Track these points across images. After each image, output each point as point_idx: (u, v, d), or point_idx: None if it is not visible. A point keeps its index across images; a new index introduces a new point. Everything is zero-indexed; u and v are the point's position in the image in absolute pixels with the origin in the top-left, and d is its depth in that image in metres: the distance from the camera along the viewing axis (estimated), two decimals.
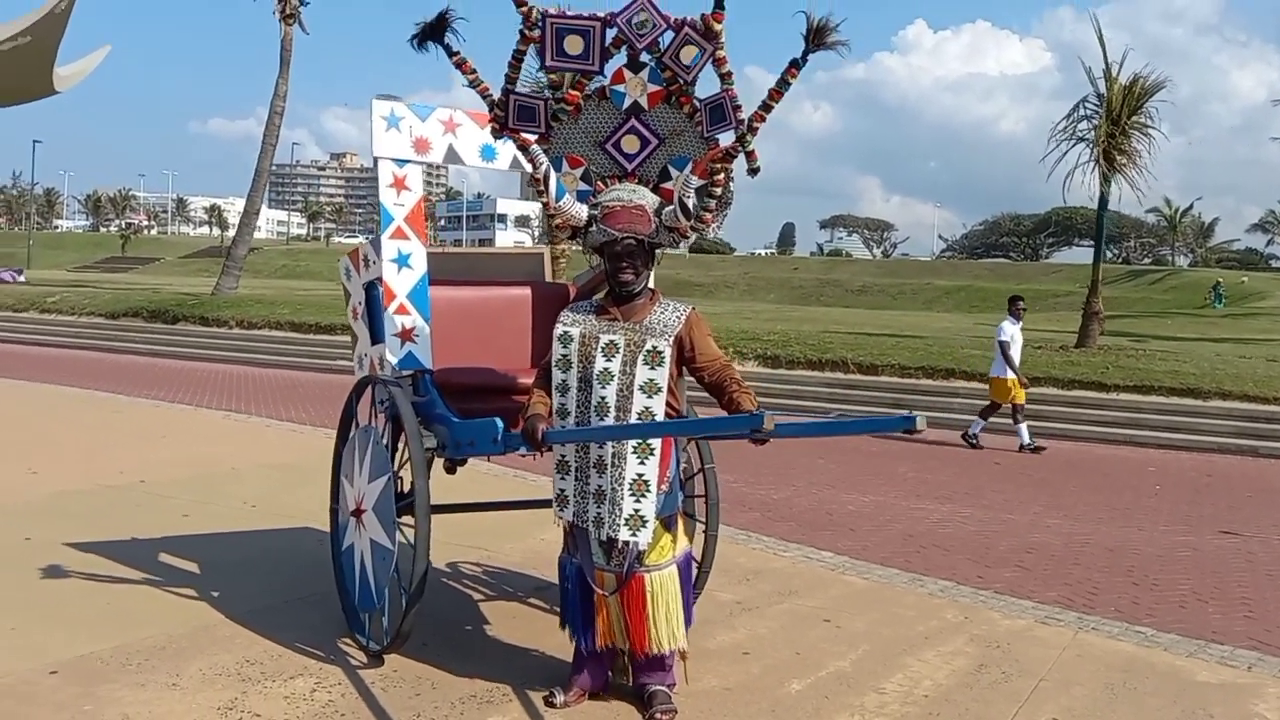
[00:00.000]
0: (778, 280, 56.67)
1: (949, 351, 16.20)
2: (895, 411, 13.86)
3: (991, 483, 10.01)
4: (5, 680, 3.92)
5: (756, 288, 54.58)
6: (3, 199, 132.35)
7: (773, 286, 54.58)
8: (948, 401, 14.13)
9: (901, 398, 14.39)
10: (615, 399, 3.78)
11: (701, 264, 63.66)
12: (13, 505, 6.76)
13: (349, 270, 5.11)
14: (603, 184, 4.00)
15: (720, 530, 6.98)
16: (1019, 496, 9.28)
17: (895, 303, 49.66)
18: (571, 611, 4.00)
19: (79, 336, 21.07)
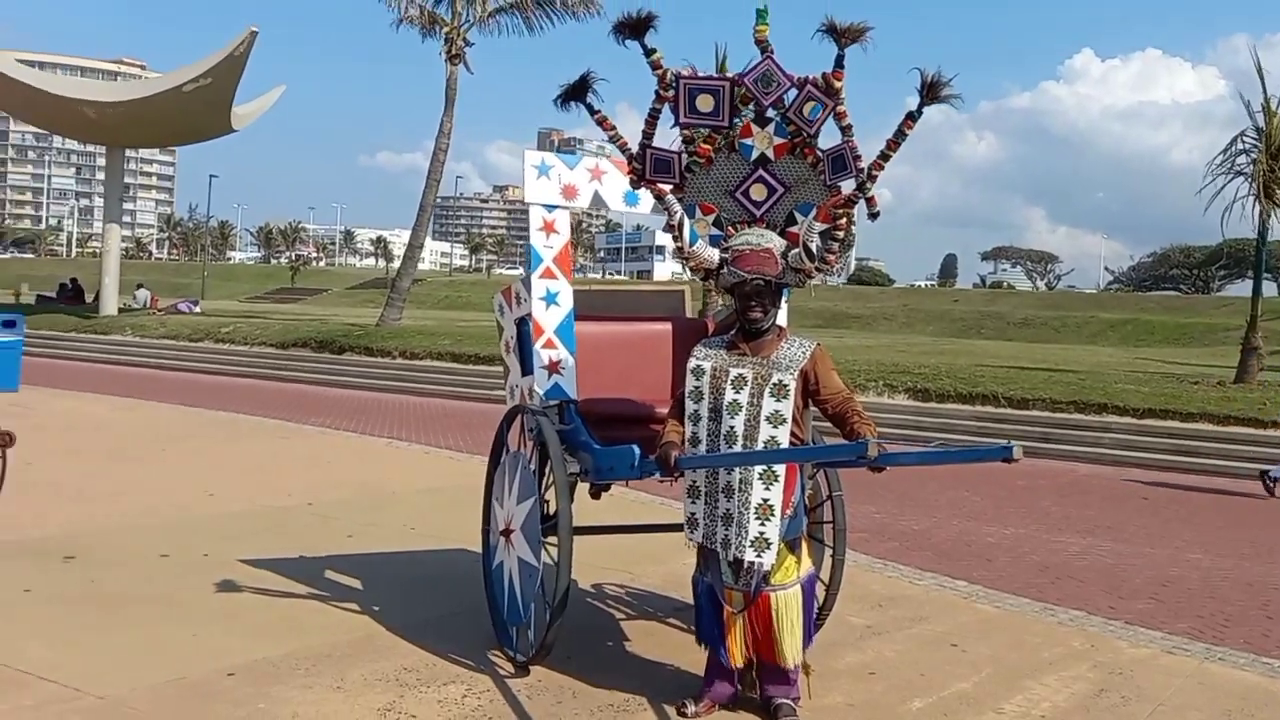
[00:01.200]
0: (937, 312, 55.57)
1: (1102, 386, 15.92)
2: (1043, 446, 13.64)
3: (1136, 517, 9.93)
4: (189, 680, 4.44)
5: (915, 320, 53.68)
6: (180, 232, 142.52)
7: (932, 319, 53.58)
8: (1098, 436, 13.84)
9: (1051, 431, 14.15)
10: (743, 428, 4.08)
11: (860, 296, 63.04)
12: (192, 523, 7.47)
13: (502, 306, 5.54)
14: (733, 229, 4.34)
15: (857, 558, 7.24)
16: (1162, 531, 9.24)
17: (1058, 336, 48.00)
18: (706, 625, 4.31)
19: (251, 365, 22.58)
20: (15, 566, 6.00)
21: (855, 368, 17.45)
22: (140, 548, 6.65)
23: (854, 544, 7.68)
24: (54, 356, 24.37)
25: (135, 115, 29.28)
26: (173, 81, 28.87)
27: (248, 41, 26.74)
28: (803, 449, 4.09)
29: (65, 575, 5.98)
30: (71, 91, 30.37)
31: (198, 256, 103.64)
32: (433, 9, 27.96)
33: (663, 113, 4.25)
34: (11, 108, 34.83)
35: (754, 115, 4.26)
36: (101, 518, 7.54)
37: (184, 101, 28.21)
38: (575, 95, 4.32)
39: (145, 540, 6.85)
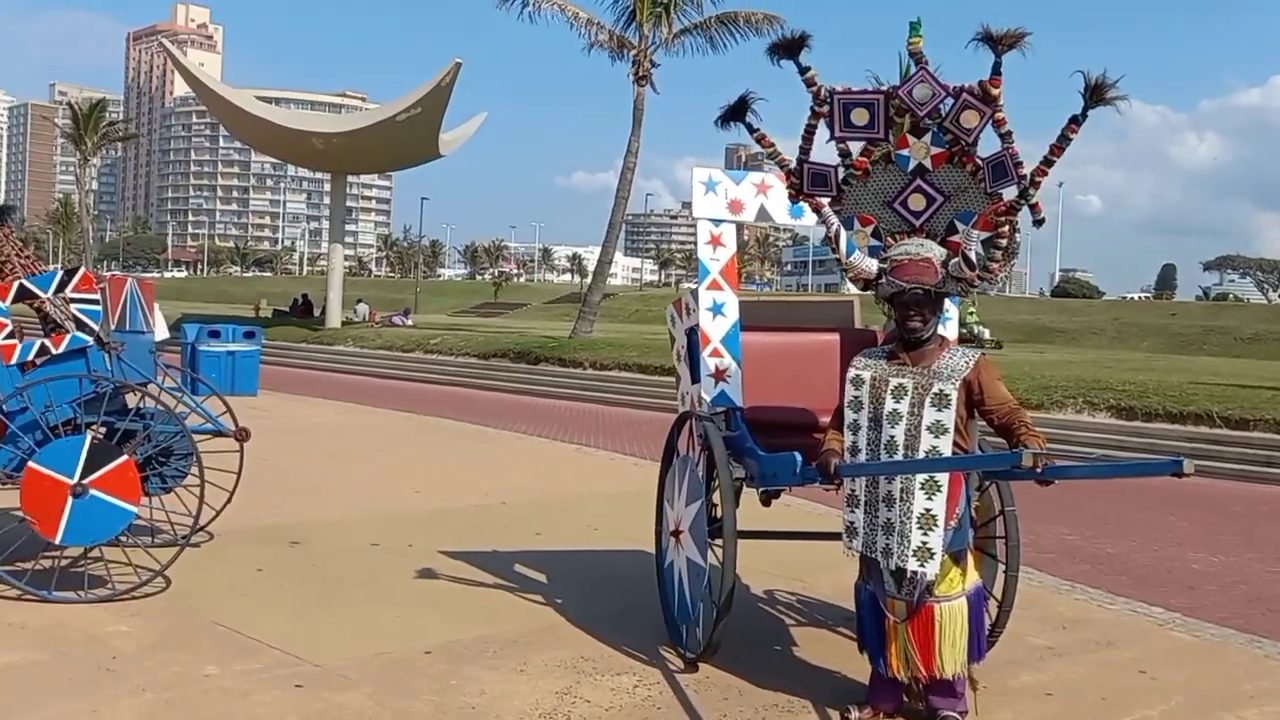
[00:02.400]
0: (1152, 327, 52.01)
1: None
2: (1266, 471, 12.71)
3: None
4: (392, 655, 4.87)
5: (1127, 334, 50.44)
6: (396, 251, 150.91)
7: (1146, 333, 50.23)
8: None
9: (1275, 455, 13.08)
10: (903, 438, 4.12)
11: (1065, 308, 59.86)
12: (400, 517, 8.07)
13: (674, 317, 5.78)
14: (892, 239, 4.39)
15: (1044, 579, 7.05)
16: None
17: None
18: (867, 634, 4.36)
19: (456, 374, 23.81)
20: (251, 549, 6.68)
21: (1052, 384, 16.69)
22: (355, 537, 7.26)
23: (1042, 565, 7.50)
24: (287, 365, 26.41)
25: (355, 144, 31.47)
26: (387, 112, 30.86)
27: (453, 72, 28.27)
28: (955, 458, 4.08)
29: (291, 558, 6.63)
30: (301, 125, 32.95)
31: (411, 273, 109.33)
32: (621, 33, 28.66)
33: (818, 128, 4.37)
34: (252, 140, 38.04)
35: (910, 127, 4.31)
36: (323, 510, 8.25)
37: (397, 130, 30.07)
38: (735, 115, 4.50)
39: (359, 531, 7.47)
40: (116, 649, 4.72)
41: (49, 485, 5.12)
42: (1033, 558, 7.74)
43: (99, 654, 4.64)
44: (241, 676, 4.46)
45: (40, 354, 5.38)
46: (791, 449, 4.65)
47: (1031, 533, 8.78)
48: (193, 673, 4.47)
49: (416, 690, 4.44)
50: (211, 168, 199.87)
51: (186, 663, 4.58)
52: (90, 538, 5.30)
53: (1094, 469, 4.34)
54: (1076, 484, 11.91)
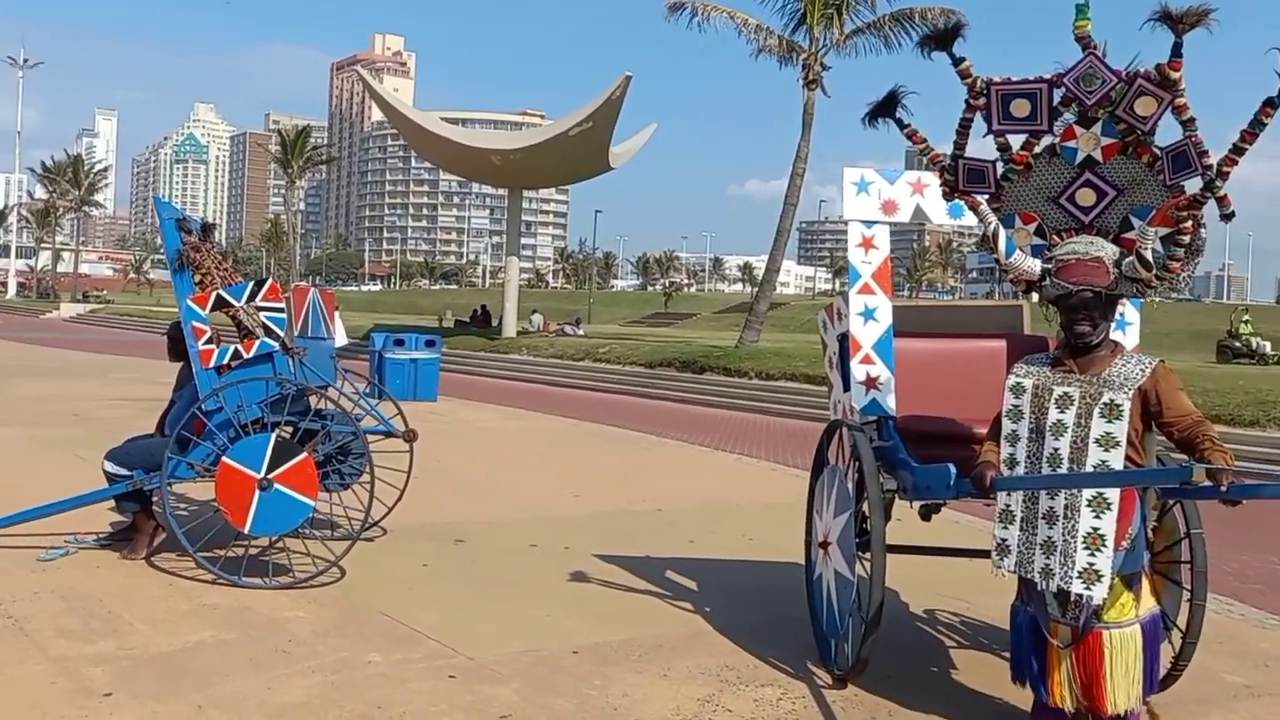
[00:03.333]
0: None
1: None
2: None
3: None
4: (541, 652, 4.90)
5: None
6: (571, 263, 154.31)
7: None
8: None
9: None
10: (1068, 451, 3.82)
11: None
12: (558, 520, 8.16)
13: (825, 323, 5.62)
14: (1058, 238, 4.07)
15: (1246, 611, 6.46)
16: None
17: None
18: (1024, 660, 4.05)
19: (623, 383, 24.05)
20: (418, 545, 6.89)
21: (1269, 398, 15.16)
22: (515, 538, 7.38)
23: (1245, 596, 6.84)
24: (465, 372, 27.34)
25: (530, 160, 32.34)
26: (560, 128, 31.59)
27: (623, 86, 28.66)
28: (1117, 473, 3.75)
29: (455, 555, 6.80)
30: (479, 143, 34.15)
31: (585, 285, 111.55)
32: (790, 37, 28.30)
33: (974, 121, 4.12)
34: (437, 159, 39.71)
35: (1077, 117, 3.99)
36: (486, 510, 8.45)
37: (570, 145, 30.73)
38: (883, 111, 4.30)
39: (519, 531, 7.59)
40: (292, 633, 4.95)
41: (239, 479, 5.45)
42: (1235, 588, 7.09)
43: (277, 636, 4.88)
44: (401, 665, 4.58)
45: (234, 358, 5.74)
46: (947, 460, 4.43)
47: (1236, 561, 8.11)
48: (357, 658, 4.63)
49: (562, 688, 4.44)
50: (404, 187, 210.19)
51: (352, 649, 4.75)
52: (274, 528, 5.60)
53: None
54: None
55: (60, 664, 4.39)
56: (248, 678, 4.33)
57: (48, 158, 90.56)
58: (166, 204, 6.04)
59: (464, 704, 4.18)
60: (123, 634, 4.82)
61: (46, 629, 4.81)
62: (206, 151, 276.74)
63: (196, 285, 5.77)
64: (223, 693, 4.16)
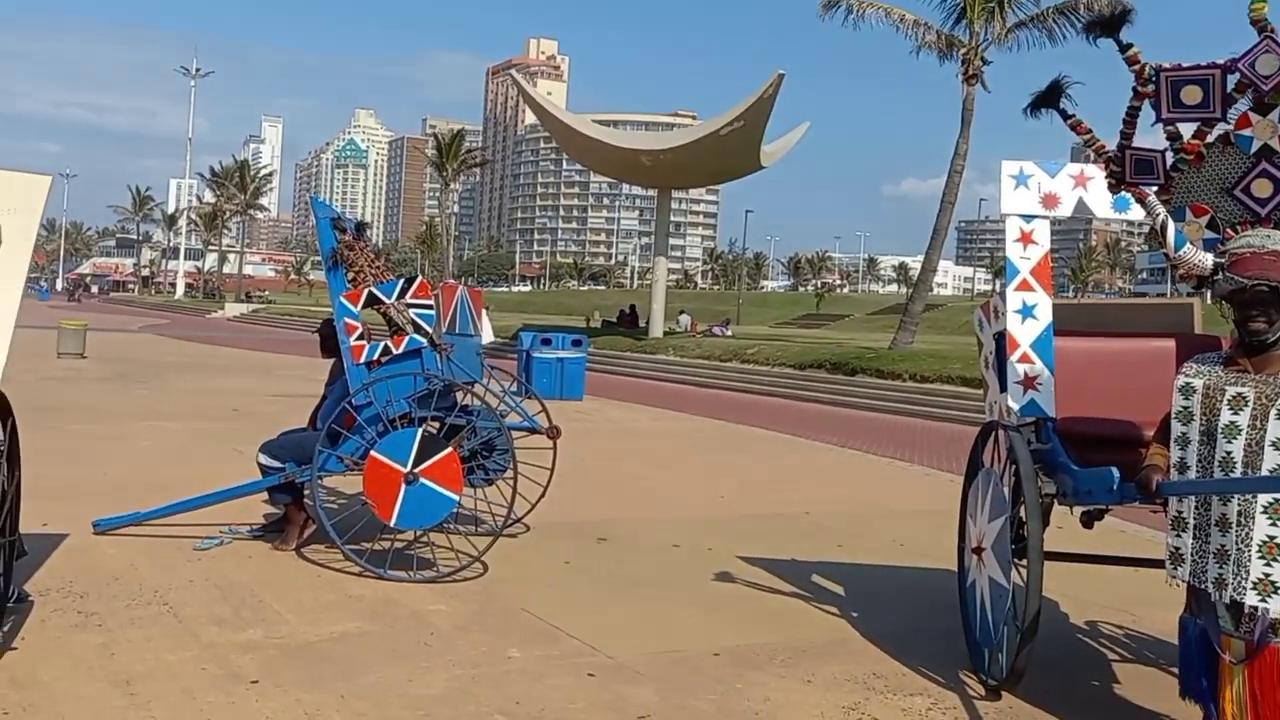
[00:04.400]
0: None
1: None
2: None
3: None
4: (681, 653, 4.90)
5: None
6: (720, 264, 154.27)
7: None
8: None
9: None
10: (1242, 455, 3.60)
11: None
12: (703, 521, 8.16)
13: (982, 321, 5.43)
14: (1232, 231, 3.84)
15: None
16: None
17: None
18: (1193, 676, 3.83)
19: (772, 384, 23.89)
20: (561, 543, 7.02)
21: None
22: (657, 538, 7.43)
23: None
24: (612, 372, 27.72)
25: (680, 160, 32.49)
26: (711, 127, 31.62)
27: (775, 84, 28.49)
28: None
29: (597, 553, 6.89)
30: (629, 143, 34.54)
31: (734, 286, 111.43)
32: (950, 32, 27.67)
33: (1142, 110, 3.91)
34: (587, 161, 40.39)
35: (1252, 104, 3.75)
36: (630, 509, 8.53)
37: (720, 144, 30.73)
38: (1046, 102, 4.13)
39: (662, 532, 7.63)
40: (435, 626, 5.09)
41: (386, 473, 5.64)
42: None
43: (419, 629, 5.02)
44: (540, 661, 4.66)
45: (383, 354, 5.96)
46: (1110, 464, 4.22)
47: None
48: (497, 653, 4.73)
49: (701, 690, 4.43)
50: (555, 189, 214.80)
51: (492, 644, 4.86)
52: (419, 522, 5.77)
53: None
54: None
55: (211, 650, 4.58)
56: (389, 668, 4.47)
57: (216, 163, 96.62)
58: (322, 204, 6.32)
59: (602, 702, 4.22)
60: (271, 623, 5.04)
61: (200, 616, 5.06)
62: (366, 156, 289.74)
63: (349, 283, 6.01)
64: (365, 683, 4.29)
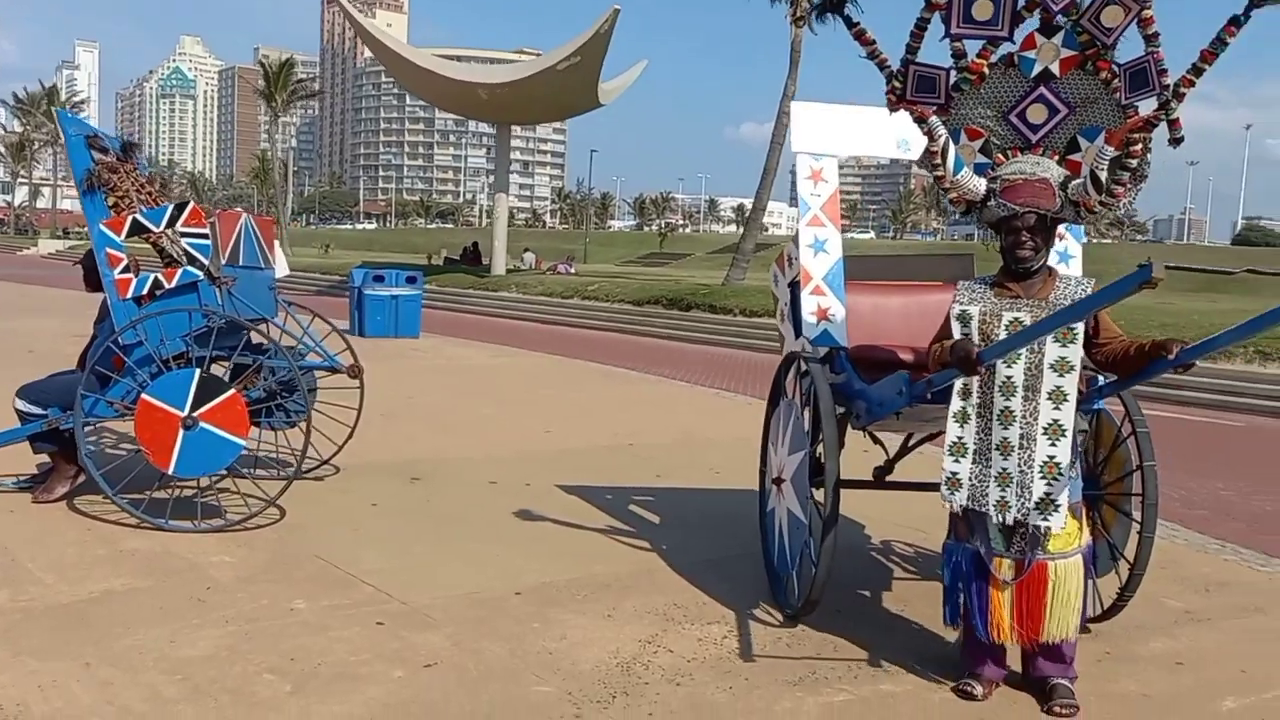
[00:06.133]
0: None
1: None
2: None
3: None
4: (482, 594, 4.71)
5: None
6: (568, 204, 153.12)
7: None
8: None
9: None
10: (1023, 378, 3.64)
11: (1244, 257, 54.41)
12: (525, 457, 7.95)
13: (776, 275, 5.34)
14: (1003, 157, 3.81)
15: (1190, 538, 6.38)
16: None
17: None
18: (966, 599, 3.85)
19: (610, 320, 23.83)
20: (371, 484, 6.67)
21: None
22: (475, 475, 7.17)
23: (1191, 522, 6.80)
24: (454, 310, 27.14)
25: (518, 94, 31.63)
26: (548, 61, 30.89)
27: (611, 20, 27.96)
28: (1088, 299, 3.41)
29: (408, 494, 6.58)
30: (465, 76, 33.34)
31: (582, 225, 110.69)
32: None
33: (932, 23, 3.80)
34: (424, 93, 38.93)
35: (1040, 25, 3.69)
36: (453, 447, 8.22)
37: (558, 79, 30.07)
38: (832, 7, 3.98)
39: (482, 468, 7.37)
40: (214, 579, 4.71)
41: (161, 417, 5.15)
42: (1182, 514, 7.05)
43: (195, 584, 4.63)
44: (327, 611, 4.37)
45: (154, 288, 5.39)
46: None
47: (1183, 487, 8.05)
48: (280, 605, 4.41)
49: (498, 632, 4.25)
50: (399, 125, 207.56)
51: (276, 595, 4.53)
52: (201, 469, 5.33)
53: (1234, 331, 3.53)
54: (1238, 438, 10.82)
55: None
56: (151, 629, 4.07)
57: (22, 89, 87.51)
58: (72, 119, 5.66)
59: (387, 652, 3.98)
60: (20, 583, 4.53)
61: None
62: (194, 86, 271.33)
63: (110, 209, 5.42)
64: (119, 647, 3.88)
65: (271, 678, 3.70)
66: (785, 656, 4.15)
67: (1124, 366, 3.71)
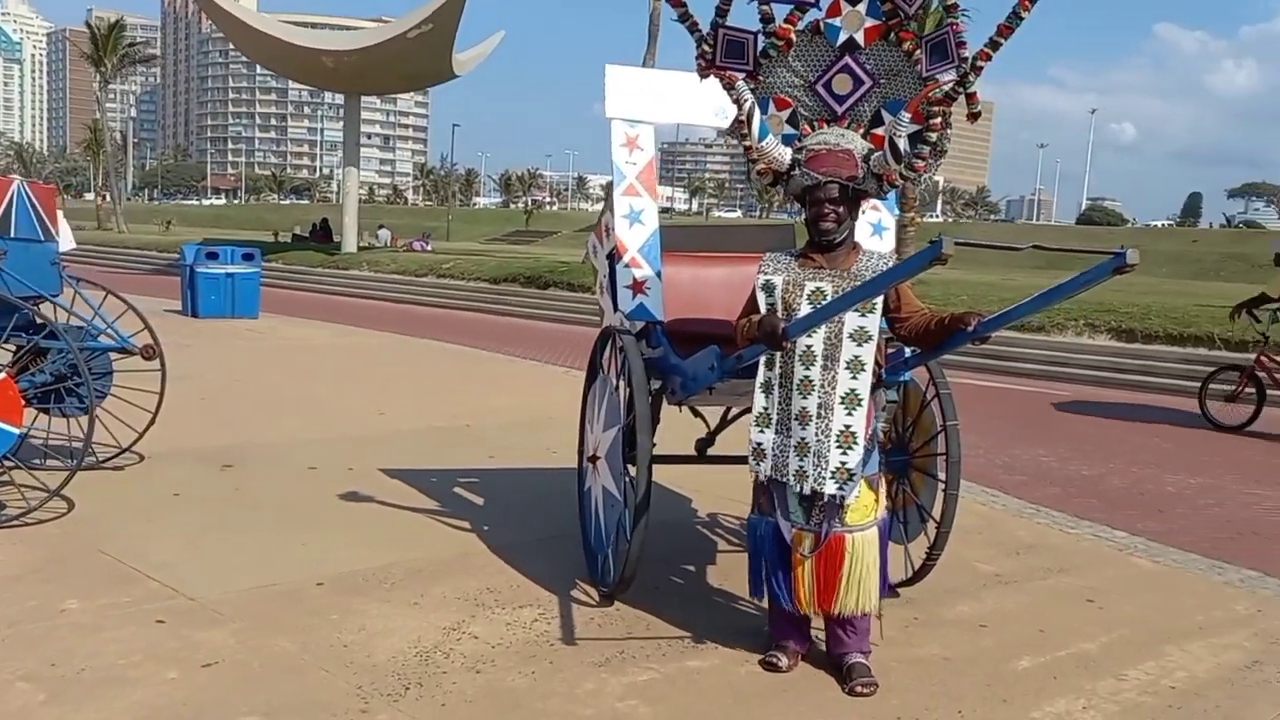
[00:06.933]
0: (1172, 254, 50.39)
1: None
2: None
3: None
4: (280, 586, 4.43)
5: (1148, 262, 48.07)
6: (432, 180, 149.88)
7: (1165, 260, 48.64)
8: None
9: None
10: (822, 348, 3.60)
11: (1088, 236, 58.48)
12: (353, 439, 7.62)
13: (595, 247, 5.19)
14: (809, 128, 3.77)
15: (1007, 502, 6.55)
16: None
17: None
18: (768, 572, 3.82)
19: (467, 299, 23.32)
20: (178, 472, 6.26)
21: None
22: (296, 460, 6.81)
23: (1011, 488, 7.02)
24: (301, 289, 26.11)
25: (367, 62, 30.54)
26: (398, 29, 29.93)
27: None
28: (886, 273, 3.45)
29: (216, 482, 6.19)
30: (311, 42, 31.99)
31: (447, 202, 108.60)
32: None
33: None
34: (264, 59, 37.17)
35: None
36: (275, 431, 7.82)
37: (409, 47, 29.17)
38: None
39: (304, 453, 7.02)
40: None
41: None
42: (1002, 480, 7.29)
43: None
44: (101, 611, 4.02)
45: None
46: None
47: (1006, 454, 8.36)
48: (50, 606, 4.03)
49: (290, 626, 4.00)
50: (249, 95, 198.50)
51: (47, 595, 4.14)
52: None
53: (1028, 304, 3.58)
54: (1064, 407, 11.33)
55: None
56: None
57: None
58: None
59: (163, 652, 3.68)
60: None
61: None
62: (20, 49, 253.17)
63: None
64: None
65: (25, 686, 3.36)
66: (596, 638, 4.04)
67: (926, 339, 3.72)
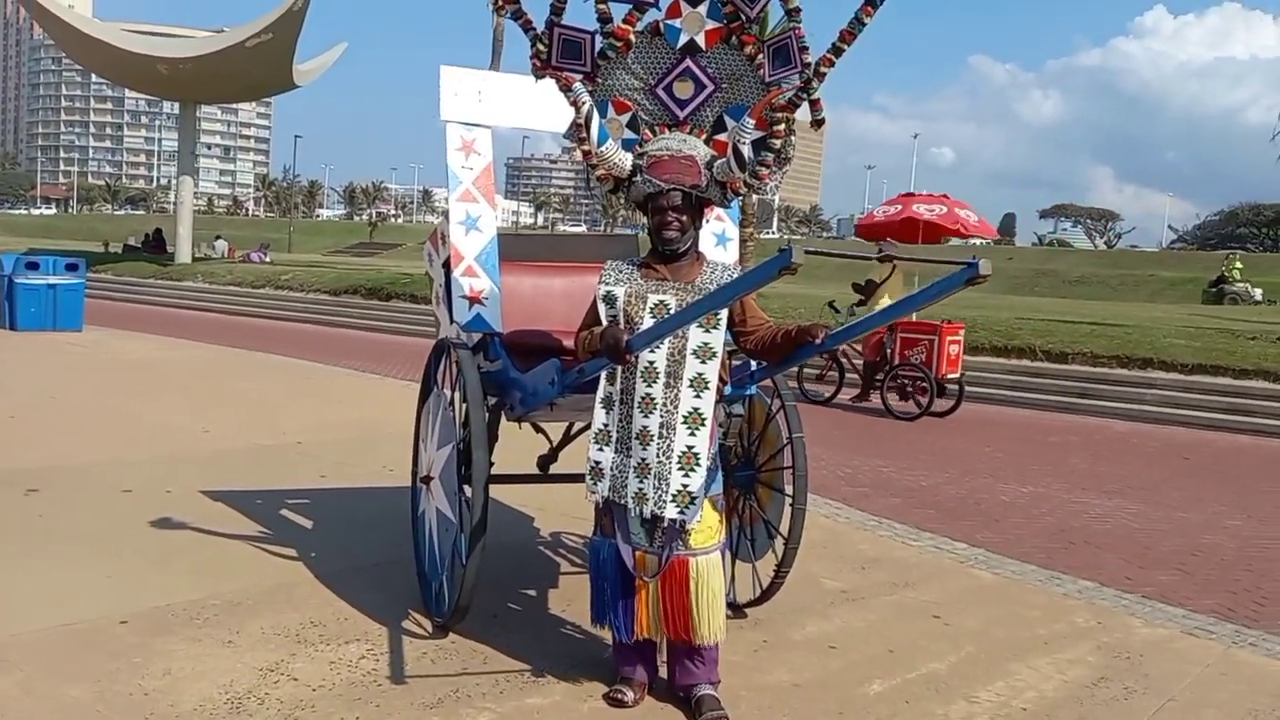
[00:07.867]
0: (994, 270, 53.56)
1: (1149, 340, 14.47)
2: (1079, 402, 12.62)
3: (1172, 479, 8.84)
4: (79, 625, 3.92)
5: None
6: (274, 191, 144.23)
7: None
8: (1140, 393, 12.68)
9: (1090, 386, 13.03)
10: (665, 364, 3.37)
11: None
12: (174, 459, 6.99)
13: (430, 255, 4.86)
14: (650, 133, 3.55)
15: (850, 515, 6.49)
16: (1200, 494, 8.11)
17: (1115, 294, 45.57)
18: (610, 599, 3.55)
19: (305, 311, 22.27)
20: None
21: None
22: (110, 482, 6.18)
23: (853, 500, 6.99)
24: (130, 301, 24.46)
25: (204, 71, 28.92)
26: (236, 37, 28.49)
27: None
28: (734, 281, 3.22)
29: (16, 509, 5.53)
30: (145, 49, 30.11)
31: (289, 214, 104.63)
32: None
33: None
34: (95, 66, 34.84)
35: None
36: (89, 451, 7.11)
37: (248, 57, 27.82)
38: None
39: (119, 474, 6.37)
40: None
41: None
42: (845, 492, 7.28)
43: None
44: None
45: None
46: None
47: (848, 466, 8.39)
48: None
49: (86, 671, 3.51)
50: (84, 103, 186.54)
51: None
52: None
53: (877, 316, 3.46)
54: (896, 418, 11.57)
55: None
56: None
57: None
58: None
59: None
60: None
61: None
62: None
63: None
64: None
65: None
66: (427, 675, 3.69)
67: (772, 352, 3.56)
